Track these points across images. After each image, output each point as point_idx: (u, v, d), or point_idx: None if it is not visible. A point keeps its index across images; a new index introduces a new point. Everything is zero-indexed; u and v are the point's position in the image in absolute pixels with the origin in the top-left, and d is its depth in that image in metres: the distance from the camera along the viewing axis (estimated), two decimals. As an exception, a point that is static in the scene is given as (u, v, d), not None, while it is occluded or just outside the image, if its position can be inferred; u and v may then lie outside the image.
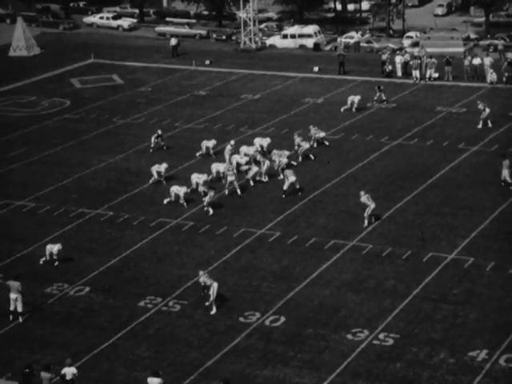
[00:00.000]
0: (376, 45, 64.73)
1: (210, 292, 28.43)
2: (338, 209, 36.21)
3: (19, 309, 28.18)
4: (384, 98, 49.77)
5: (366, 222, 33.97)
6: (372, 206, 33.95)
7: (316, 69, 58.49)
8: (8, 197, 38.62)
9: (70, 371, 24.30)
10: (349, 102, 48.86)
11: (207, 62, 61.65)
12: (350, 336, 27.04)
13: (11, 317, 28.34)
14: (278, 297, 29.45)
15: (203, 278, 28.79)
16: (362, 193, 34.30)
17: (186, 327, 27.89)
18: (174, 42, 64.03)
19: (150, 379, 23.77)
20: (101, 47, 67.30)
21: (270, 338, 27.12)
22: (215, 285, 28.40)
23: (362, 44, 64.99)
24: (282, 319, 28.14)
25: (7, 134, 47.55)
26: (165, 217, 35.89)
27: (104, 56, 64.28)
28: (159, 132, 43.45)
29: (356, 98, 48.84)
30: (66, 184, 40.14)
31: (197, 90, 55.00)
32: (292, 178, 36.80)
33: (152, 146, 43.23)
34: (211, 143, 42.26)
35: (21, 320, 28.18)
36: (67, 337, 27.48)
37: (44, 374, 24.08)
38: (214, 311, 28.49)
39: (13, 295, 28.30)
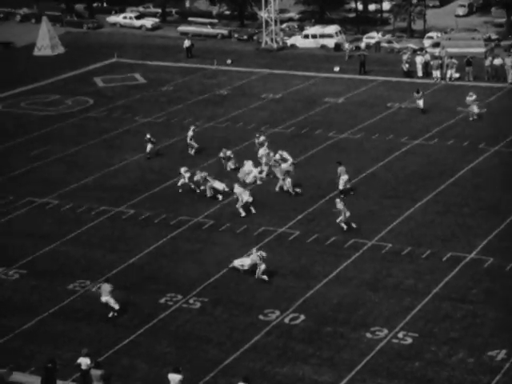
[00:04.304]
0: (397, 45, 64.49)
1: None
2: (357, 208, 36.09)
3: (116, 307, 28.08)
4: (421, 105, 47.49)
5: (344, 226, 33.63)
6: (347, 213, 33.42)
7: (337, 69, 58.37)
8: (31, 194, 38.86)
9: (84, 361, 24.41)
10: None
11: (229, 61, 61.70)
12: (369, 334, 26.97)
13: (112, 314, 28.22)
14: (297, 295, 29.42)
15: (255, 256, 29.68)
16: (338, 200, 33.89)
17: (206, 324, 27.93)
18: (187, 43, 64.07)
19: (170, 375, 23.83)
20: (124, 46, 67.56)
21: (290, 336, 27.10)
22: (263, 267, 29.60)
23: (382, 44, 64.79)
24: (302, 317, 28.12)
25: (31, 132, 47.85)
26: (185, 215, 35.95)
27: (127, 55, 64.53)
28: (148, 136, 42.28)
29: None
30: (89, 182, 40.32)
31: (218, 90, 55.06)
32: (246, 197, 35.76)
33: (148, 150, 42.15)
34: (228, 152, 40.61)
35: (111, 315, 28.12)
36: (89, 333, 27.60)
37: (94, 372, 24.07)
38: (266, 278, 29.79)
39: (103, 298, 28.01)
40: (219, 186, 37.35)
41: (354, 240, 33.16)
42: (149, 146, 42.34)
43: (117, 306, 28.08)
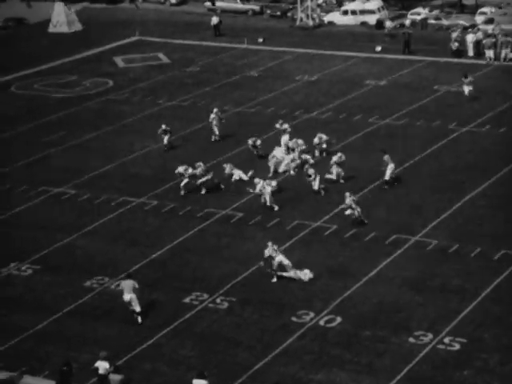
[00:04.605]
0: (445, 22, 64.05)
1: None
2: (400, 201, 36.00)
3: (137, 308, 27.95)
4: (467, 92, 46.64)
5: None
6: (358, 209, 33.30)
7: (378, 48, 58.15)
8: (46, 183, 39.23)
9: (103, 365, 24.62)
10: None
11: (260, 39, 61.71)
12: (412, 339, 26.92)
13: (139, 318, 28.09)
14: (333, 295, 29.45)
15: (270, 249, 29.70)
16: (348, 194, 33.70)
17: (235, 326, 28.06)
18: (215, 20, 64.17)
19: (195, 381, 23.96)
20: (146, 23, 67.86)
21: (325, 340, 27.15)
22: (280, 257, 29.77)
23: (429, 21, 64.38)
24: (338, 319, 28.14)
25: (46, 115, 48.29)
26: (212, 207, 36.10)
27: (150, 33, 64.81)
28: (163, 127, 41.98)
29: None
30: (108, 170, 40.61)
31: (248, 71, 55.12)
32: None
33: (165, 143, 41.96)
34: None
35: (140, 320, 28.00)
36: (107, 334, 27.85)
37: (114, 377, 24.23)
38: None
39: (126, 296, 27.83)
40: (243, 176, 37.81)
41: (396, 236, 33.09)
42: (165, 138, 41.93)
43: (138, 308, 28.16)
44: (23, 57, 59.72)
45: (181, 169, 37.00)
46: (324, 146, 40.49)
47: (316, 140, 40.45)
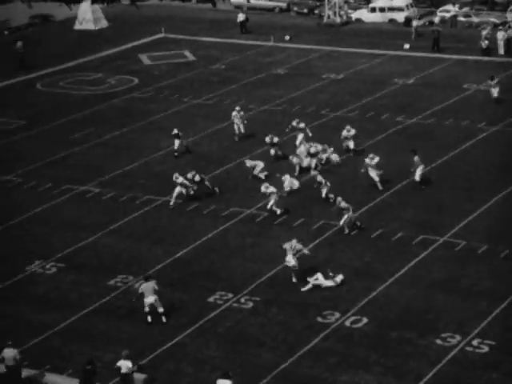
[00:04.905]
0: (475, 19, 63.60)
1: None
2: (427, 201, 35.79)
3: (160, 309, 27.93)
4: (495, 94, 45.74)
5: (347, 229, 33.21)
6: (350, 213, 33.00)
7: (407, 46, 57.85)
8: (71, 181, 39.39)
9: (125, 364, 24.64)
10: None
11: (287, 37, 61.61)
12: (439, 341, 26.74)
13: (149, 318, 28.05)
14: (359, 296, 29.33)
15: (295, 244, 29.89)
16: (340, 198, 33.23)
17: (259, 326, 28.02)
18: (241, 17, 64.12)
19: (219, 381, 23.95)
20: (172, 20, 67.96)
21: (351, 341, 27.04)
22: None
23: (459, 18, 63.97)
24: (364, 320, 28.02)
25: (71, 113, 48.48)
26: (237, 206, 36.07)
27: (175, 30, 64.90)
28: (175, 131, 41.11)
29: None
30: (133, 168, 40.70)
31: (275, 69, 55.05)
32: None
33: (176, 148, 41.05)
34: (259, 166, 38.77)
35: (165, 320, 28.03)
36: (131, 333, 27.91)
37: (137, 376, 24.23)
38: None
39: (149, 299, 27.74)
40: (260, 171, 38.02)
41: (424, 236, 32.89)
42: (177, 142, 40.94)
43: (161, 309, 28.11)
44: (49, 54, 60.04)
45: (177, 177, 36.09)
46: (351, 144, 40.16)
47: (344, 132, 40.23)
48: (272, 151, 40.16)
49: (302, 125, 40.97)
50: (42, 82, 54.46)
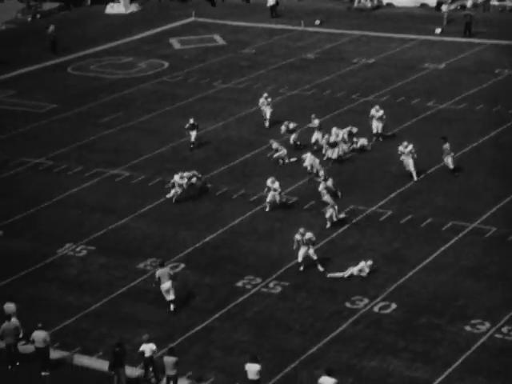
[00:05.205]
0: (509, 3, 62.88)
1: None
2: (457, 187, 35.57)
3: (171, 297, 27.85)
4: None
5: (329, 223, 32.51)
6: (335, 207, 32.40)
7: (438, 30, 57.42)
8: (101, 165, 39.57)
9: (148, 347, 24.75)
10: None
11: (317, 21, 61.35)
12: (468, 328, 26.63)
13: (172, 306, 28.01)
14: (388, 281, 29.26)
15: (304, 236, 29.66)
16: (325, 191, 32.84)
17: (287, 311, 28.05)
18: (271, 1, 63.85)
19: (248, 365, 24.01)
20: (202, 4, 67.85)
21: (379, 326, 27.00)
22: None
23: (492, 2, 63.31)
24: (393, 306, 27.97)
25: (101, 97, 48.67)
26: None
27: (206, 14, 64.83)
28: (191, 121, 40.25)
29: None
30: (162, 152, 40.81)
31: (305, 53, 54.86)
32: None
33: (193, 141, 40.21)
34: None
35: (172, 308, 27.99)
36: (160, 316, 28.05)
37: (167, 358, 24.36)
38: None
39: (165, 284, 27.66)
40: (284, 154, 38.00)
41: (454, 222, 32.72)
42: (193, 134, 40.14)
43: (172, 296, 27.89)
44: (80, 38, 60.25)
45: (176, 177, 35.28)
46: (380, 126, 39.73)
47: (373, 111, 39.88)
48: (291, 139, 39.51)
49: (315, 121, 39.42)
50: (73, 66, 54.67)
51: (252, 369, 23.88)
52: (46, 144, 42.26)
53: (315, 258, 29.79)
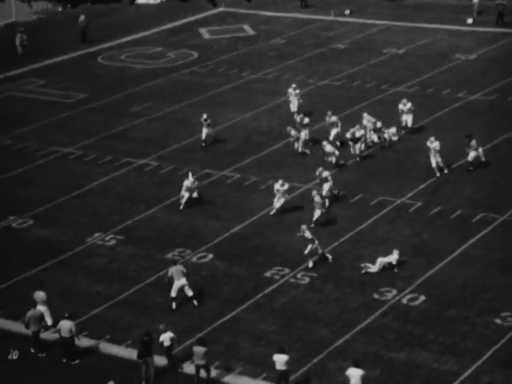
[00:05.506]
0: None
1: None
2: (488, 178, 35.32)
3: (189, 293, 27.72)
4: None
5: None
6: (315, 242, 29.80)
7: (470, 20, 56.94)
8: (130, 155, 39.72)
9: (167, 337, 24.82)
10: None
11: (347, 11, 61.07)
12: (498, 320, 26.48)
13: (174, 305, 27.76)
14: (417, 273, 29.15)
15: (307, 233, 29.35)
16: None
17: (315, 302, 28.04)
18: None
19: (275, 356, 24.03)
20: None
21: (408, 318, 26.92)
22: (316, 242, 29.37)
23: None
24: (422, 298, 27.87)
25: (130, 87, 48.80)
26: (295, 181, 36.03)
27: (235, 4, 64.74)
28: (204, 116, 39.52)
29: None
30: (191, 143, 40.86)
31: (335, 43, 54.65)
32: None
33: (203, 138, 39.39)
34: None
35: (196, 303, 27.86)
36: (188, 306, 28.13)
37: (197, 348, 24.35)
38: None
39: (178, 282, 27.52)
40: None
41: (484, 214, 32.51)
42: (204, 131, 39.36)
43: (190, 293, 27.83)
44: (110, 27, 60.45)
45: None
46: (410, 119, 39.53)
47: (400, 106, 39.62)
48: (303, 134, 38.60)
49: (333, 118, 38.88)
50: (103, 56, 54.88)
51: (280, 359, 23.90)
52: (76, 133, 42.49)
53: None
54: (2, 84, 50.13)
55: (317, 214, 32.30)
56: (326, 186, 33.52)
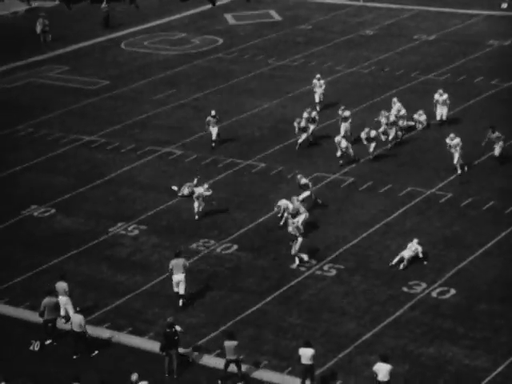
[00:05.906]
0: None
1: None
2: (521, 169, 35.05)
3: (181, 291, 27.46)
4: None
5: (297, 259, 29.37)
6: (305, 215, 30.10)
7: (504, 5, 56.43)
8: (154, 143, 39.72)
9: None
10: None
11: (375, -4, 60.76)
12: (530, 315, 26.27)
13: (181, 302, 27.59)
14: (447, 266, 28.95)
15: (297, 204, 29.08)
16: (291, 221, 29.56)
17: (342, 294, 27.92)
18: None
19: (301, 350, 23.92)
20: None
21: (438, 312, 26.74)
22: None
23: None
24: (452, 291, 27.67)
25: (155, 73, 48.81)
26: (322, 171, 35.89)
27: (261, -11, 64.55)
28: (213, 113, 38.21)
29: None
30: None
31: (363, 29, 54.35)
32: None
33: (214, 138, 38.22)
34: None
35: (181, 304, 27.57)
36: (213, 298, 28.11)
37: (228, 343, 24.24)
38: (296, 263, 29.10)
39: (177, 276, 27.28)
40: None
41: (517, 206, 32.27)
42: (214, 131, 38.14)
43: (182, 291, 27.39)
44: (134, 13, 60.47)
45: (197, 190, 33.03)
46: (445, 112, 39.04)
47: (436, 96, 39.17)
48: (310, 129, 37.94)
49: (346, 113, 38.04)
50: (126, 42, 54.91)
51: (306, 353, 23.78)
52: (99, 121, 42.55)
53: None
54: (25, 70, 50.31)
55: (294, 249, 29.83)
56: (300, 219, 30.51)
